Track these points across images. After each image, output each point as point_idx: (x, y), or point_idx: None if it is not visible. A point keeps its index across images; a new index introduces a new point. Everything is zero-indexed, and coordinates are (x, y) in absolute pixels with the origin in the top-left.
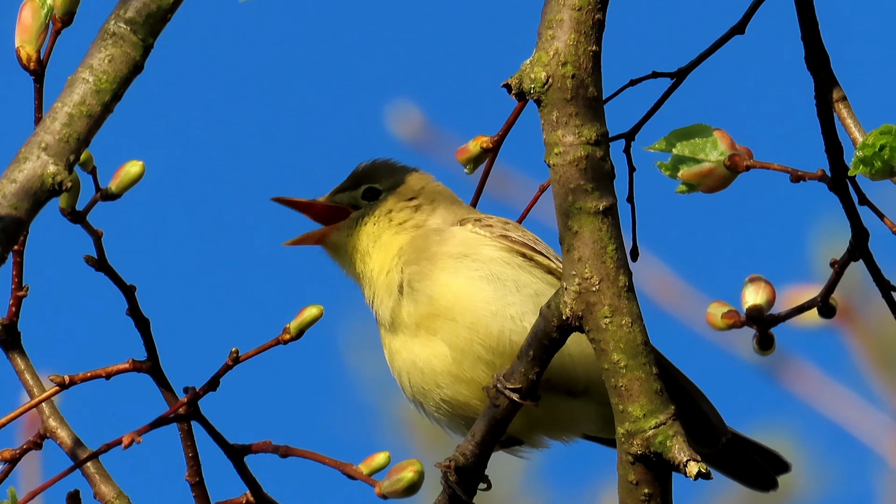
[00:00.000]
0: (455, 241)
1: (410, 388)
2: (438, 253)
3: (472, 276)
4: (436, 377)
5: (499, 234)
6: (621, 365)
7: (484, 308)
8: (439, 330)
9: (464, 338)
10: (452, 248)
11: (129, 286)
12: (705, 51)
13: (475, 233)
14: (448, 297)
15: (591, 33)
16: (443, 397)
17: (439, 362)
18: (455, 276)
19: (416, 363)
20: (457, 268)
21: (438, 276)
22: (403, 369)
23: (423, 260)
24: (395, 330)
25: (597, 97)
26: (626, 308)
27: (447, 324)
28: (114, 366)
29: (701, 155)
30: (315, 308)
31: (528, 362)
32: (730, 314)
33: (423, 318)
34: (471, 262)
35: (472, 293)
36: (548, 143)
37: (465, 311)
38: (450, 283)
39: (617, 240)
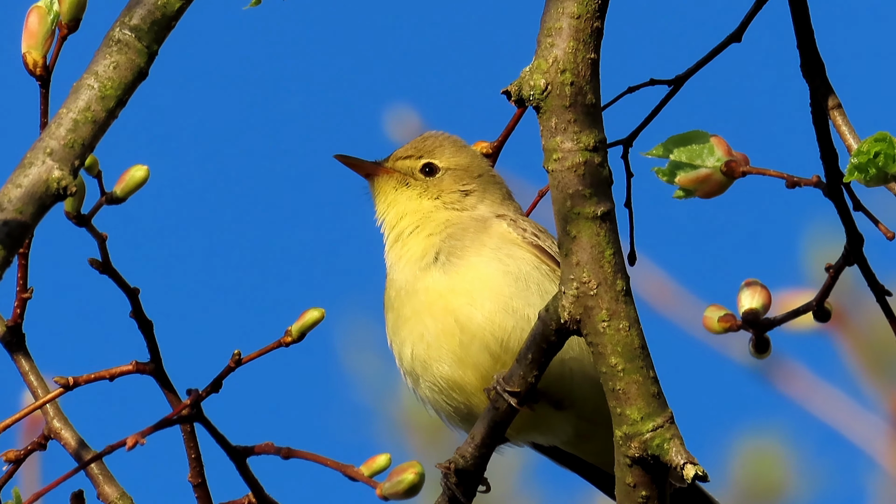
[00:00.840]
0: (493, 233)
1: (412, 359)
2: (477, 239)
3: (502, 269)
4: (440, 353)
5: (530, 242)
6: (619, 368)
7: (506, 302)
8: (456, 310)
9: (478, 324)
10: (490, 239)
11: (132, 289)
12: (702, 58)
13: (513, 231)
14: (476, 280)
15: (589, 41)
16: (442, 375)
17: (447, 340)
18: (488, 264)
19: (423, 335)
20: (490, 258)
21: (472, 258)
22: (409, 339)
23: (465, 239)
24: (411, 297)
25: (595, 104)
26: (623, 312)
27: (465, 307)
28: (117, 367)
29: (698, 161)
30: (316, 311)
31: (526, 365)
32: (726, 318)
33: (447, 291)
34: (504, 256)
35: (499, 284)
36: (546, 149)
37: (487, 300)
38: (481, 267)
39: (615, 244)
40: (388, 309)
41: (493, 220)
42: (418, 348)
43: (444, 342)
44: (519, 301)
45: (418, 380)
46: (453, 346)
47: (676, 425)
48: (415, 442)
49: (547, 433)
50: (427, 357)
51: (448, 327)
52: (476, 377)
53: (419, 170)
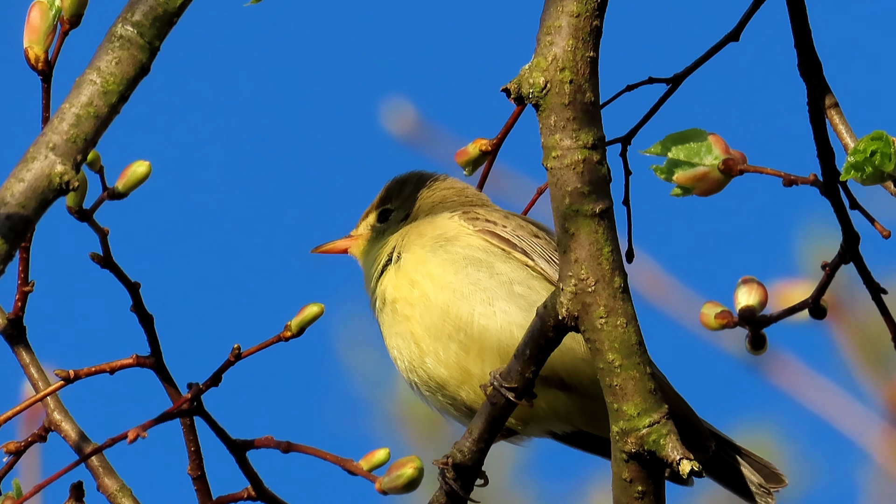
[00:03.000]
0: (440, 228)
1: (405, 368)
2: (424, 234)
3: (448, 257)
4: (421, 355)
5: (481, 228)
6: (616, 364)
7: (454, 290)
8: (416, 309)
9: (437, 316)
10: (435, 231)
11: (133, 283)
12: (700, 57)
13: (460, 223)
14: (424, 275)
15: (588, 39)
16: (430, 374)
17: (421, 343)
18: (432, 255)
19: (402, 348)
20: (435, 248)
21: (419, 253)
22: (395, 349)
23: (413, 237)
24: (383, 308)
25: (594, 102)
26: (621, 309)
27: (421, 301)
28: (118, 361)
29: (696, 159)
30: (316, 306)
31: (524, 361)
32: (723, 314)
33: (405, 291)
34: (450, 245)
35: (445, 274)
36: (546, 147)
37: (438, 291)
38: (427, 261)
39: (613, 242)
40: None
41: (442, 217)
42: (404, 358)
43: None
44: (468, 286)
45: (416, 383)
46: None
47: (672, 421)
48: (413, 436)
49: (569, 418)
50: (412, 362)
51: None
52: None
53: (377, 220)
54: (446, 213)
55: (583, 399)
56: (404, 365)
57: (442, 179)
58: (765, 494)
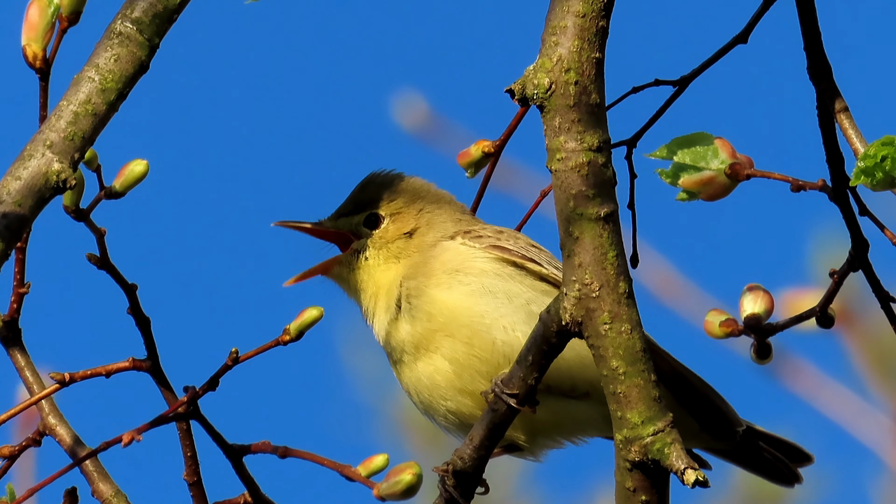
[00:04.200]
0: (447, 256)
1: (420, 402)
2: (433, 269)
3: (465, 290)
4: (440, 391)
5: (488, 245)
6: (620, 371)
7: (479, 322)
8: (440, 346)
9: (462, 352)
10: (444, 263)
11: (130, 285)
12: (708, 59)
13: (465, 245)
14: (444, 313)
15: (594, 40)
16: (449, 409)
17: (442, 377)
18: (449, 291)
19: (420, 379)
20: (450, 283)
21: (433, 293)
22: (410, 385)
23: (419, 276)
24: (396, 349)
25: (599, 104)
26: (625, 315)
27: (446, 340)
28: (114, 364)
29: (702, 163)
30: (315, 309)
31: (526, 367)
32: (728, 322)
33: (423, 335)
34: (463, 276)
35: (467, 308)
36: (550, 149)
37: (462, 327)
38: (445, 299)
39: (618, 246)
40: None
41: (445, 242)
42: (421, 393)
43: (440, 380)
44: (490, 316)
45: (433, 419)
46: (449, 380)
47: (677, 430)
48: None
49: (577, 427)
50: (430, 398)
51: (437, 366)
52: (480, 401)
53: (363, 224)
54: (444, 234)
55: (596, 404)
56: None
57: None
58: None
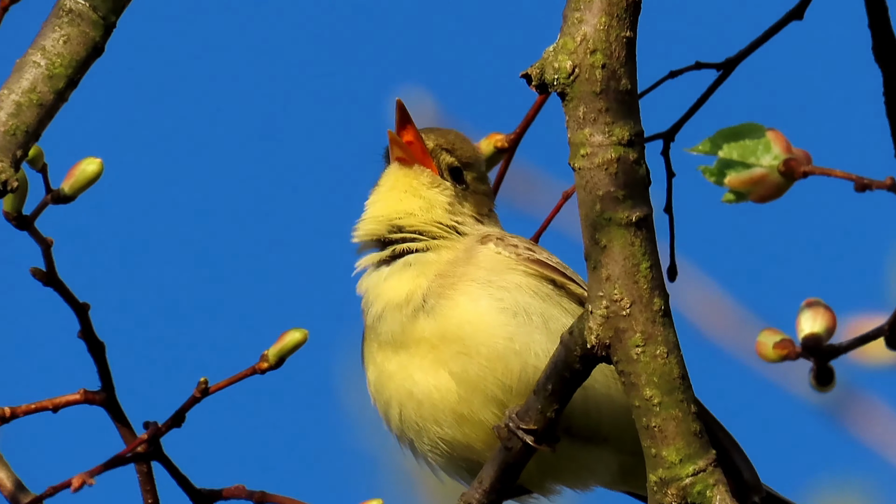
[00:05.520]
0: (480, 262)
1: (401, 421)
2: (464, 274)
3: (495, 305)
4: (435, 413)
5: (526, 257)
6: (655, 402)
7: (505, 345)
8: (449, 361)
9: (476, 373)
10: (477, 270)
11: (81, 304)
12: (757, 38)
13: (499, 253)
14: (465, 325)
15: (624, 16)
16: (441, 437)
17: (441, 397)
18: (476, 303)
19: (412, 393)
20: (479, 294)
21: (459, 299)
22: (395, 398)
23: (448, 276)
24: (395, 348)
25: (630, 90)
26: (661, 336)
27: (459, 356)
28: (63, 397)
29: (751, 159)
30: (298, 332)
31: (545, 398)
32: (783, 344)
33: (435, 341)
34: (495, 289)
35: (493, 325)
36: (573, 144)
37: (482, 345)
38: (469, 309)
39: (652, 256)
40: (370, 363)
41: (477, 246)
42: (408, 409)
43: (438, 400)
44: (521, 340)
45: (413, 444)
46: (450, 403)
47: (721, 469)
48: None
49: (583, 474)
50: (420, 417)
51: (440, 383)
52: (485, 432)
53: (448, 168)
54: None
55: (615, 452)
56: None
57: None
58: None
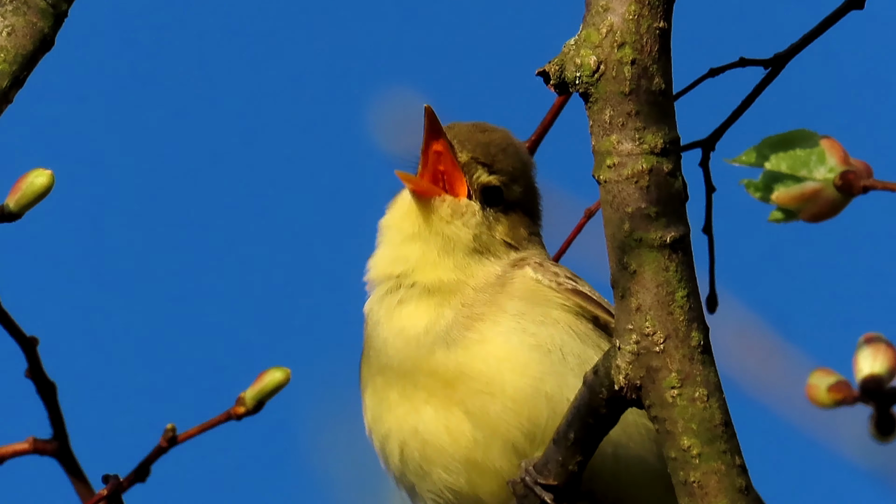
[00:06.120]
0: (513, 290)
1: (401, 461)
2: (493, 303)
3: (528, 342)
4: (443, 457)
5: (568, 288)
6: (693, 453)
7: (535, 385)
8: (466, 399)
9: (498, 415)
10: (509, 300)
11: (29, 338)
12: (811, 31)
13: (538, 281)
14: (490, 360)
15: (657, 4)
16: (447, 485)
17: (452, 441)
18: (505, 337)
19: (418, 431)
20: (510, 328)
21: (486, 332)
22: (396, 433)
23: (475, 305)
24: (403, 378)
25: (664, 91)
26: (700, 376)
27: (478, 395)
28: (9, 446)
29: (803, 171)
30: (279, 371)
31: (567, 448)
32: (838, 386)
33: (451, 377)
34: (529, 322)
35: (524, 363)
36: (598, 152)
37: (509, 384)
38: (498, 344)
39: (689, 284)
40: (369, 388)
41: (512, 271)
42: (410, 448)
43: (448, 444)
44: (553, 382)
45: (414, 489)
46: (463, 448)
47: None
48: None
49: None
50: (424, 459)
51: (452, 424)
52: (499, 483)
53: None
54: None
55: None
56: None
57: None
58: None
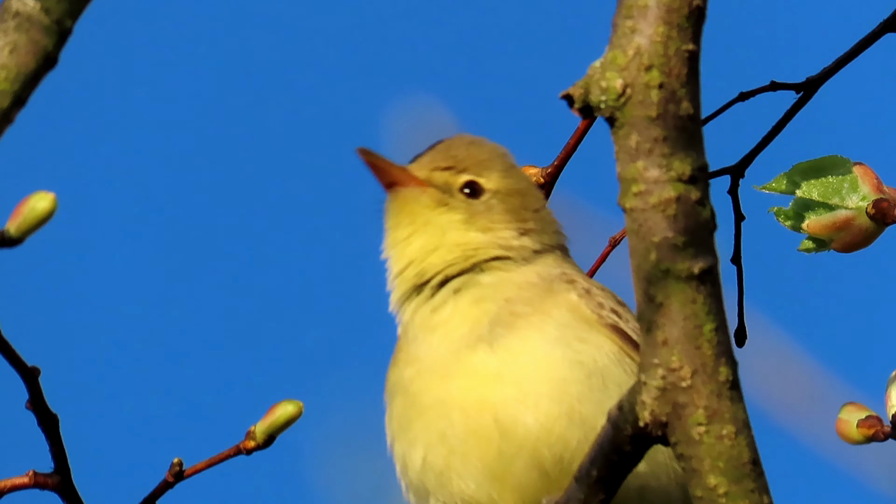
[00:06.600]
0: (560, 302)
1: (422, 468)
2: (539, 308)
3: (571, 356)
4: (466, 466)
5: (608, 323)
6: (720, 492)
7: (571, 405)
8: (498, 407)
9: (527, 430)
10: (556, 310)
11: (30, 368)
12: (845, 54)
13: (584, 308)
14: (530, 368)
15: (686, 26)
16: (464, 497)
17: (479, 448)
18: (552, 346)
19: (445, 436)
20: (556, 337)
21: (530, 334)
22: (422, 438)
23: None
24: (441, 381)
25: (693, 116)
26: (728, 412)
27: (512, 403)
28: (8, 480)
29: (835, 199)
30: (291, 405)
31: (589, 486)
32: (869, 422)
33: (489, 378)
34: (575, 339)
35: (564, 379)
36: (624, 179)
37: (545, 398)
38: (541, 351)
39: (717, 317)
40: (397, 393)
41: (560, 283)
42: (435, 454)
43: (474, 450)
44: (591, 406)
45: (427, 497)
46: (487, 457)
47: None
48: None
49: None
50: (446, 467)
51: (483, 428)
52: (515, 501)
53: (459, 188)
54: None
55: None
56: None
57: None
58: None
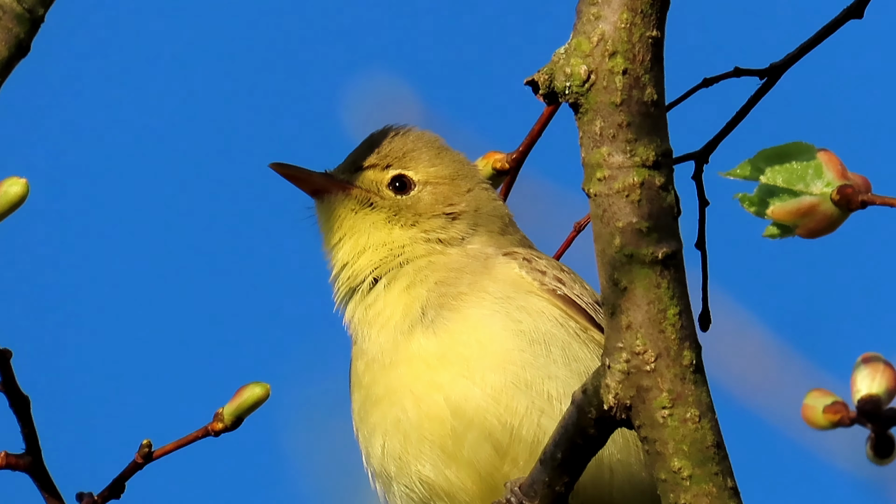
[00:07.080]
0: (498, 276)
1: (382, 455)
2: (476, 284)
3: (511, 326)
4: (422, 447)
5: (550, 289)
6: (684, 475)
7: (517, 373)
8: (446, 385)
9: (476, 404)
10: (494, 283)
11: (2, 351)
12: (808, 40)
13: (522, 276)
14: (473, 345)
15: (650, 12)
16: (421, 477)
17: (433, 430)
18: (491, 319)
19: (400, 422)
20: (496, 309)
21: (468, 311)
22: (380, 427)
23: (458, 284)
24: (386, 370)
25: (657, 102)
26: (692, 396)
27: (460, 380)
28: None
29: (799, 185)
30: (258, 387)
31: (553, 469)
32: (835, 407)
33: (433, 361)
34: (514, 308)
35: (508, 349)
36: (588, 165)
37: (490, 371)
38: (483, 323)
39: (681, 301)
40: (356, 387)
41: (497, 258)
42: (392, 441)
43: (428, 431)
44: (535, 371)
45: (390, 483)
46: (440, 436)
47: None
48: None
49: None
50: (404, 451)
51: (435, 410)
52: (473, 479)
53: (386, 185)
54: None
55: None
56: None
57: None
58: None
